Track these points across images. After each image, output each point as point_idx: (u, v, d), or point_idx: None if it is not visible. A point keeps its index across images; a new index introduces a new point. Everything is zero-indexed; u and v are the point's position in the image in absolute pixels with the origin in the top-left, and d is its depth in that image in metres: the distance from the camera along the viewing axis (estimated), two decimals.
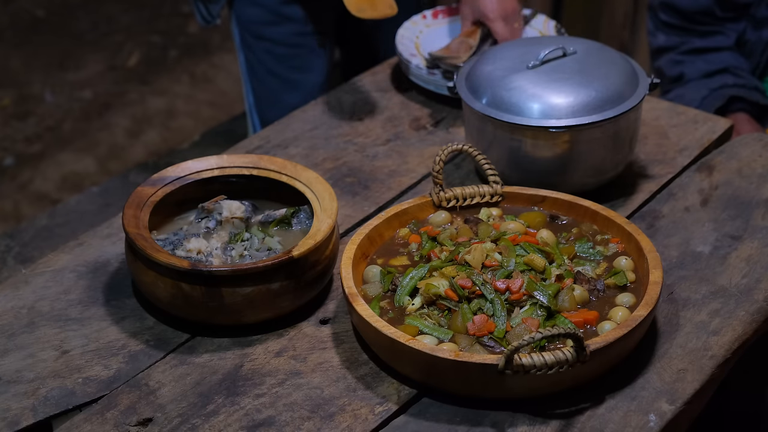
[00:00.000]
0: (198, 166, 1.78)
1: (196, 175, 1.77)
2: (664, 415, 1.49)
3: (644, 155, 2.04)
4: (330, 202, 1.69)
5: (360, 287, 1.63)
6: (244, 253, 1.68)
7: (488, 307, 1.56)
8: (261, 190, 1.79)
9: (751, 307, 1.67)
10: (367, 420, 1.49)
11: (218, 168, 1.78)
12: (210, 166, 1.78)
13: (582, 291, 1.60)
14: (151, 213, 1.69)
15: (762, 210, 1.89)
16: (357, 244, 1.67)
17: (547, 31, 2.34)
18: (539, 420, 1.48)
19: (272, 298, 1.60)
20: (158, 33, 4.64)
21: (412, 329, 1.55)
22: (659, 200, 1.93)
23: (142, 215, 1.67)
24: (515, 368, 1.44)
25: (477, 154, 1.79)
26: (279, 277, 1.59)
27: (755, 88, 2.61)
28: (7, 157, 3.93)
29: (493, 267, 1.61)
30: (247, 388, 1.55)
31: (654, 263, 1.61)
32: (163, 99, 4.24)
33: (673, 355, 1.59)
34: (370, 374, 1.57)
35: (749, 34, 2.66)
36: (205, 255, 1.66)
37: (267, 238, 1.72)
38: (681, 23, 2.69)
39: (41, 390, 1.55)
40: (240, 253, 1.68)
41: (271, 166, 1.77)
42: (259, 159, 1.78)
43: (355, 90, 2.30)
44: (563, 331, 1.42)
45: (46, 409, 1.52)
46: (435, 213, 1.78)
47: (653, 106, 2.19)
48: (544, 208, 1.79)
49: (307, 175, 1.75)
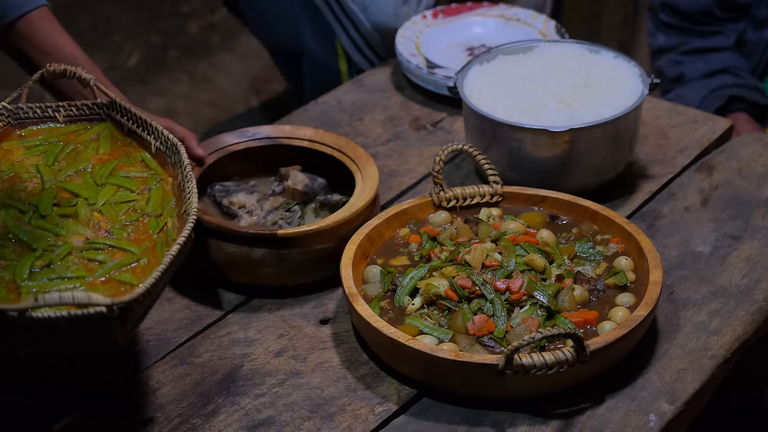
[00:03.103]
0: (297, 132, 1.91)
1: (287, 141, 1.90)
2: (664, 415, 1.49)
3: (644, 155, 2.04)
4: (363, 199, 1.74)
5: (360, 287, 1.63)
6: (279, 222, 1.77)
7: (488, 307, 1.56)
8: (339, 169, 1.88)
9: (751, 307, 1.67)
10: (367, 420, 1.49)
11: (309, 140, 1.90)
12: (305, 136, 1.91)
13: (582, 291, 1.60)
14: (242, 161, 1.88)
15: (762, 210, 1.89)
16: (357, 244, 1.67)
17: (547, 31, 2.35)
18: (539, 420, 1.48)
19: (252, 265, 1.68)
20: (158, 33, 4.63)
21: (412, 329, 1.55)
22: (659, 200, 1.93)
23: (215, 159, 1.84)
24: (515, 368, 1.44)
25: (477, 154, 1.79)
26: (261, 247, 1.67)
27: (755, 88, 2.61)
28: None
29: (493, 267, 1.61)
30: (247, 388, 1.55)
31: (654, 263, 1.61)
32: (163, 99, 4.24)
33: (673, 355, 1.59)
34: (370, 374, 1.57)
35: (749, 34, 2.66)
36: (248, 210, 1.77)
37: (315, 217, 1.81)
38: (681, 23, 2.70)
39: (41, 390, 1.55)
40: (275, 220, 1.77)
41: (354, 152, 1.86)
42: (346, 142, 1.88)
43: (355, 90, 2.30)
44: (563, 331, 1.42)
45: (46, 409, 1.52)
46: (435, 213, 1.78)
47: (653, 106, 2.19)
48: (544, 208, 1.79)
49: (372, 170, 1.81)
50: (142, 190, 1.60)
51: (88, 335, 1.29)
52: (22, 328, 1.24)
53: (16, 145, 1.65)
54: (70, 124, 1.70)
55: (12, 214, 1.51)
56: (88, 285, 1.41)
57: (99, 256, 1.46)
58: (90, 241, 1.49)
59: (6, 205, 1.53)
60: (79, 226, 1.52)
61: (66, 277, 1.42)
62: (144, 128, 1.66)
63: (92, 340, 1.31)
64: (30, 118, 1.69)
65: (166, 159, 1.62)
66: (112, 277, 1.43)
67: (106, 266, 1.44)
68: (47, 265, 1.44)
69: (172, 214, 1.54)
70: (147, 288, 1.31)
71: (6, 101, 1.67)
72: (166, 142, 1.61)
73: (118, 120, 1.69)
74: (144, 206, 1.56)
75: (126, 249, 1.48)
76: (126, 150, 1.67)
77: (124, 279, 1.42)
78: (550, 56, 2.03)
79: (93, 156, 1.65)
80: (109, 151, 1.67)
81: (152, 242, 1.49)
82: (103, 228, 1.52)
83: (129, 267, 1.45)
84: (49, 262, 1.44)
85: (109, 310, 1.25)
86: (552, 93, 1.92)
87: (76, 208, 1.55)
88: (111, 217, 1.54)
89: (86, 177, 1.61)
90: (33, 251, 1.46)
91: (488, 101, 1.92)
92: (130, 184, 1.60)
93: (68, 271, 1.43)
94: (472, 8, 2.48)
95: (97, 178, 1.61)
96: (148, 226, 1.53)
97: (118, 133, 1.70)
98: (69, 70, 1.68)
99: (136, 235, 1.51)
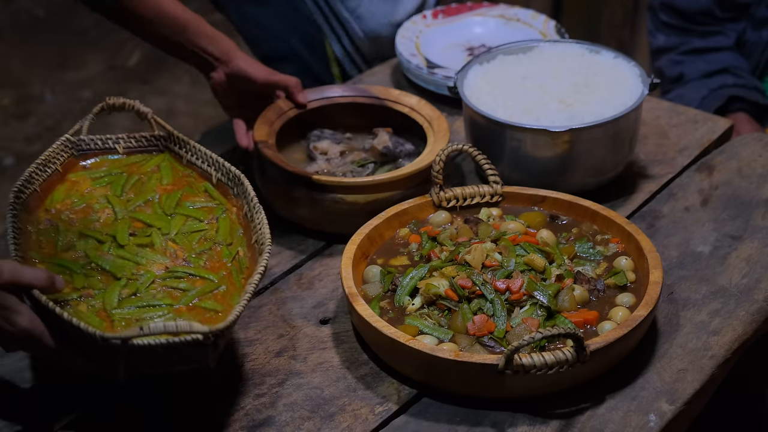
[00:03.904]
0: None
1: (392, 104, 2.00)
2: (664, 415, 1.49)
3: (644, 155, 2.04)
4: None
5: (360, 287, 1.63)
6: (346, 173, 1.89)
7: (488, 307, 1.56)
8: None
9: (751, 307, 1.67)
10: (367, 420, 1.49)
11: (410, 108, 1.99)
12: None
13: (582, 291, 1.60)
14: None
15: (762, 210, 1.89)
16: (357, 244, 1.67)
17: (547, 31, 2.35)
18: (539, 420, 1.48)
19: (292, 202, 1.83)
20: None
21: (412, 329, 1.55)
22: (659, 200, 1.93)
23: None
24: (515, 368, 1.44)
25: (477, 154, 1.79)
26: (298, 186, 1.80)
27: (755, 88, 2.61)
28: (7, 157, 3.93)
29: (493, 267, 1.61)
30: (247, 388, 1.55)
31: (654, 263, 1.61)
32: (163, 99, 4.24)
33: (673, 355, 1.59)
34: (370, 374, 1.57)
35: (749, 34, 2.66)
36: (327, 157, 1.91)
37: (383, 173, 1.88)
38: (681, 23, 2.70)
39: (41, 390, 1.55)
40: (344, 171, 1.90)
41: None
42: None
43: None
44: (563, 331, 1.42)
45: (45, 409, 1.52)
46: (435, 213, 1.78)
47: (653, 106, 2.19)
48: (544, 208, 1.79)
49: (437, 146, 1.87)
50: (210, 220, 1.67)
51: (183, 359, 1.39)
52: (124, 354, 1.33)
53: (83, 177, 1.73)
54: (130, 155, 1.78)
55: (91, 245, 1.59)
56: (175, 312, 1.48)
57: (180, 284, 1.54)
58: (170, 270, 1.56)
59: (84, 236, 1.61)
60: (158, 255, 1.59)
61: (154, 305, 1.49)
62: (204, 160, 1.73)
63: (185, 364, 1.41)
64: (92, 149, 1.77)
65: (228, 189, 1.69)
66: (196, 304, 1.50)
67: (189, 294, 1.52)
68: (133, 293, 1.51)
69: (241, 243, 1.61)
70: (237, 315, 1.39)
71: (69, 133, 1.74)
72: (228, 174, 1.69)
73: (176, 151, 1.77)
74: (214, 235, 1.63)
75: (205, 277, 1.55)
76: (187, 180, 1.74)
77: (208, 306, 1.50)
78: (550, 56, 2.03)
79: (158, 186, 1.73)
80: (172, 181, 1.74)
81: (227, 270, 1.57)
82: (180, 257, 1.59)
83: (210, 294, 1.52)
84: (135, 290, 1.51)
85: (205, 337, 1.33)
86: (552, 93, 1.92)
87: (151, 237, 1.62)
88: (185, 246, 1.61)
89: (155, 207, 1.69)
90: (118, 280, 1.53)
91: (488, 101, 1.92)
92: (197, 214, 1.67)
93: (155, 299, 1.50)
94: (472, 8, 2.48)
95: (166, 208, 1.68)
96: (221, 254, 1.60)
97: (177, 163, 1.77)
98: (128, 104, 1.77)
99: (211, 264, 1.58)
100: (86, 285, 1.51)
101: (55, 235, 1.60)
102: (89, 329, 1.33)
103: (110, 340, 1.31)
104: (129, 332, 1.31)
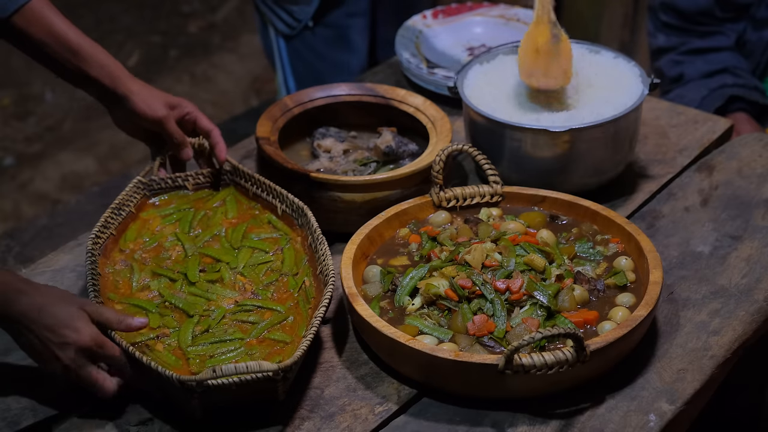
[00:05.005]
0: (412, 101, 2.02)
1: (398, 104, 2.01)
2: (664, 415, 1.49)
3: (644, 155, 2.04)
4: None
5: (360, 287, 1.63)
6: (348, 171, 1.89)
7: (488, 307, 1.56)
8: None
9: (751, 307, 1.67)
10: (367, 420, 1.49)
11: (415, 108, 2.00)
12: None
13: (582, 291, 1.60)
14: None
15: (762, 210, 1.89)
16: (357, 244, 1.67)
17: None
18: (539, 420, 1.48)
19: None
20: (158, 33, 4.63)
21: (412, 329, 1.55)
22: (659, 200, 1.93)
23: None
24: (515, 368, 1.44)
25: (477, 154, 1.79)
26: (296, 182, 1.80)
27: (755, 87, 2.61)
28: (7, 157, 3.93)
29: (493, 267, 1.61)
30: None
31: (654, 263, 1.61)
32: None
33: (673, 355, 1.59)
34: (370, 374, 1.57)
35: (749, 34, 2.66)
36: (331, 155, 1.92)
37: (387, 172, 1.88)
38: (681, 24, 2.69)
39: (41, 390, 1.55)
40: (345, 169, 1.90)
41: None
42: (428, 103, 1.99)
43: None
44: (563, 331, 1.42)
45: (45, 409, 1.52)
46: (435, 213, 1.78)
47: (653, 106, 2.19)
48: (544, 208, 1.79)
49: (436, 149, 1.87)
50: (276, 251, 1.72)
51: (253, 394, 1.45)
52: (199, 394, 1.41)
53: (153, 215, 1.80)
54: (196, 191, 1.86)
55: (164, 283, 1.66)
56: (246, 345, 1.54)
57: (250, 317, 1.60)
58: (239, 304, 1.62)
59: (157, 275, 1.67)
60: (227, 290, 1.65)
61: (225, 340, 1.55)
62: (269, 192, 1.79)
63: (255, 397, 1.46)
64: (162, 188, 1.84)
65: (293, 220, 1.75)
66: (265, 336, 1.56)
67: (258, 327, 1.57)
68: (206, 330, 1.57)
69: (307, 272, 1.67)
70: (304, 351, 1.45)
71: (141, 175, 1.80)
72: (292, 205, 1.75)
73: (242, 185, 1.83)
74: (280, 266, 1.69)
75: (273, 309, 1.61)
76: (252, 213, 1.79)
77: (277, 337, 1.55)
78: None
79: (223, 220, 1.80)
80: (237, 214, 1.79)
81: (294, 300, 1.62)
82: (248, 290, 1.64)
83: (279, 325, 1.58)
84: (207, 327, 1.57)
85: (275, 373, 1.40)
86: (552, 93, 1.92)
87: (220, 273, 1.67)
88: (253, 279, 1.66)
89: (222, 241, 1.75)
90: (190, 317, 1.59)
91: (488, 101, 1.92)
92: (263, 246, 1.73)
93: (226, 334, 1.56)
94: (472, 8, 2.48)
95: (233, 241, 1.74)
96: (288, 285, 1.65)
97: (242, 196, 1.82)
98: (202, 145, 1.85)
99: (278, 295, 1.64)
100: (161, 324, 1.56)
101: (130, 275, 1.67)
102: (167, 372, 1.41)
103: (186, 383, 1.40)
104: (203, 375, 1.39)
